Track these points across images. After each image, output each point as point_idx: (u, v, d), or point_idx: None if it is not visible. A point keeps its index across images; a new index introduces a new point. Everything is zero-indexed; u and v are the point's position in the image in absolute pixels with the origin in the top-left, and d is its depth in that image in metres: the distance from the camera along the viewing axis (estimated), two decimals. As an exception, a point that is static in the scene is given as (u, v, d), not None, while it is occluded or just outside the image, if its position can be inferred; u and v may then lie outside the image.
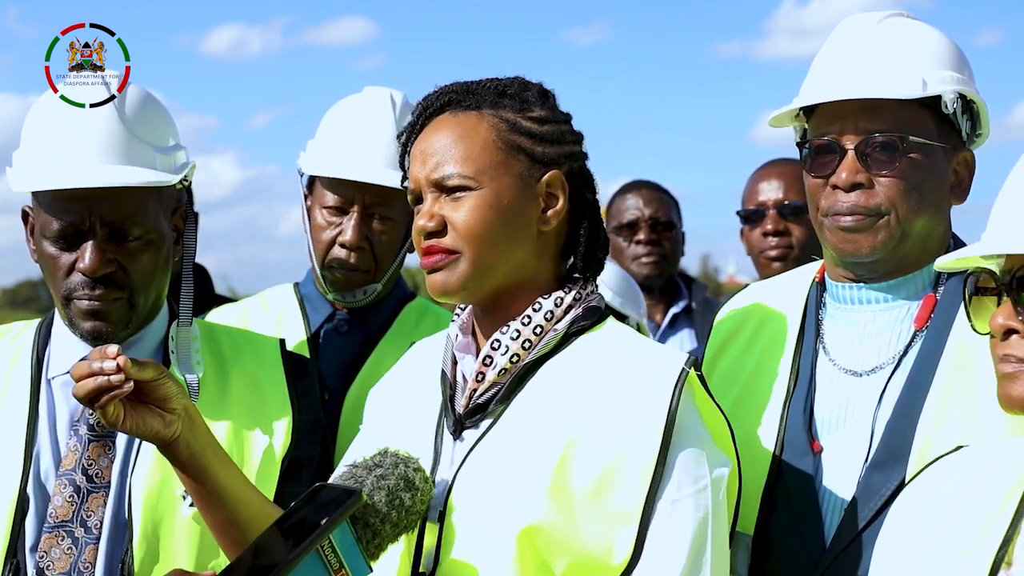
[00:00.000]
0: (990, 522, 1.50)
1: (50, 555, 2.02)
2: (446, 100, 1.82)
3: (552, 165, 1.80)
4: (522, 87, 1.84)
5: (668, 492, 1.66)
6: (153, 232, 2.10)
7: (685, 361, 1.72)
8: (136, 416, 1.79)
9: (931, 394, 1.92)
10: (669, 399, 1.67)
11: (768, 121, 2.17)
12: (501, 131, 1.78)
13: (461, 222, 1.74)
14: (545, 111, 1.82)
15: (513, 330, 1.78)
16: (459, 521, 1.72)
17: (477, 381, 1.79)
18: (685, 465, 1.67)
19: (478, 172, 1.75)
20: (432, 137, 1.79)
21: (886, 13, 2.07)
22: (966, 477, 1.58)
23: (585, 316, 1.80)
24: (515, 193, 1.76)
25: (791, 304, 2.15)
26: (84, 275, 2.05)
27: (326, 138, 2.81)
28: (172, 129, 2.22)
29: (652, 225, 4.26)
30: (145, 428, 1.79)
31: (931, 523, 1.57)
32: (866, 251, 1.99)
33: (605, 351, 1.77)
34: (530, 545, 1.66)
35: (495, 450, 1.74)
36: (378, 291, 2.75)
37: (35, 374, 2.16)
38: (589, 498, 1.66)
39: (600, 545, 1.65)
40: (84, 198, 2.04)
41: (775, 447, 2.01)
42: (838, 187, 1.99)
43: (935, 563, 1.52)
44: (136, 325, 2.14)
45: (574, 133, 1.86)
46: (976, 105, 2.05)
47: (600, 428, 1.68)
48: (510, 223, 1.76)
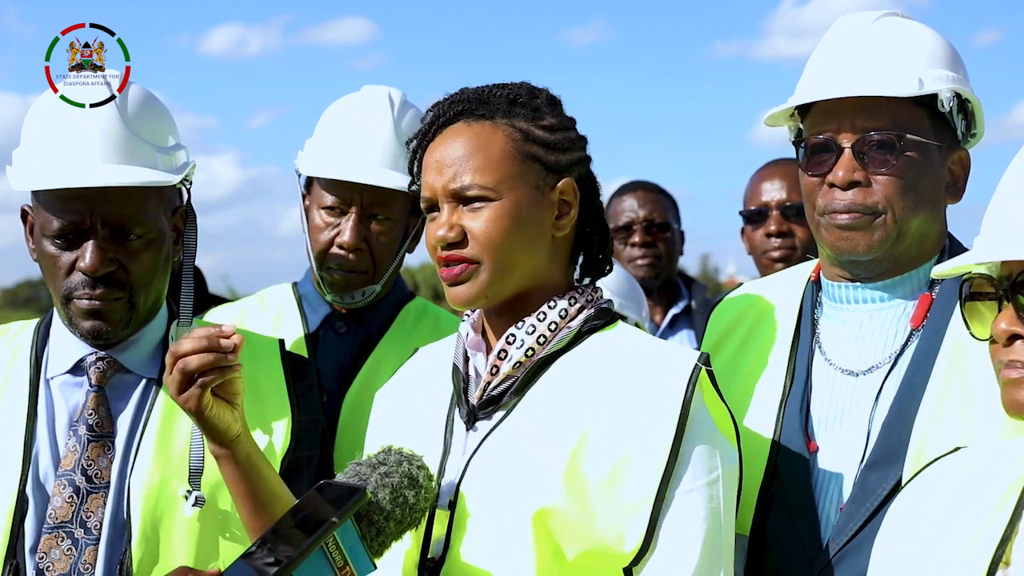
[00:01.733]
0: (988, 522, 1.50)
1: (50, 556, 2.02)
2: (459, 109, 1.83)
3: (564, 172, 1.83)
4: (531, 95, 1.86)
5: (682, 483, 1.69)
6: (154, 232, 2.10)
7: (698, 358, 1.75)
8: (217, 406, 1.83)
9: (927, 394, 1.92)
10: (683, 392, 1.70)
11: (764, 120, 2.17)
12: (516, 141, 1.80)
13: (481, 232, 1.77)
14: (555, 118, 1.85)
15: (528, 325, 1.80)
16: (472, 507, 1.74)
17: (491, 374, 1.82)
18: (698, 457, 1.70)
19: (497, 183, 1.78)
20: (447, 147, 1.81)
21: (881, 12, 2.07)
22: (964, 478, 1.58)
23: (598, 316, 1.84)
24: (531, 202, 1.79)
25: (787, 303, 2.15)
26: (85, 274, 2.06)
27: (324, 138, 2.79)
28: (173, 129, 2.22)
29: (647, 227, 4.26)
30: (221, 419, 1.85)
31: (929, 524, 1.57)
32: (863, 250, 1.99)
33: (619, 348, 1.80)
34: (545, 528, 1.68)
35: (509, 439, 1.77)
36: (376, 292, 2.74)
37: (34, 374, 2.16)
38: (602, 488, 1.68)
39: (611, 533, 1.68)
40: (85, 197, 2.04)
41: (771, 447, 2.01)
42: (835, 185, 1.99)
43: (933, 563, 1.52)
44: (136, 325, 2.14)
45: (581, 138, 1.88)
46: (971, 104, 2.05)
47: (614, 419, 1.71)
48: (528, 231, 1.79)
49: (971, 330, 1.53)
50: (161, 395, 2.14)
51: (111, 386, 2.14)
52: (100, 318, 2.08)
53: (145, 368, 2.17)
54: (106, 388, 2.14)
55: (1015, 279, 1.42)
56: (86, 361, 2.15)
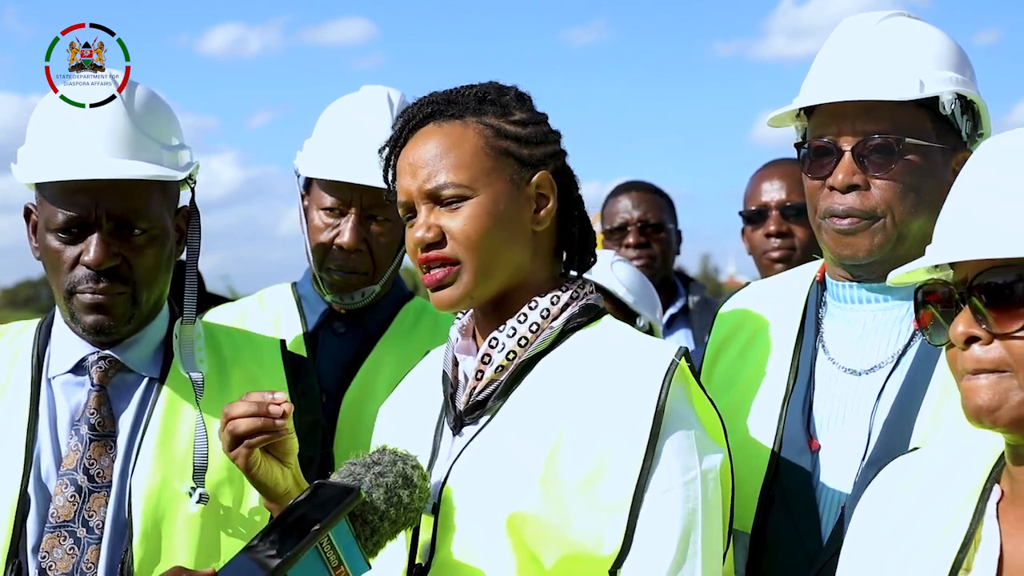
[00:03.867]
0: (948, 526, 1.49)
1: (52, 555, 2.02)
2: (428, 111, 1.84)
3: (539, 166, 1.83)
4: (500, 92, 1.86)
5: (657, 483, 1.67)
6: (158, 228, 2.11)
7: (676, 353, 1.74)
8: (266, 464, 1.84)
9: (929, 393, 1.92)
10: (658, 390, 1.69)
11: (767, 121, 2.17)
12: (488, 137, 1.80)
13: (460, 230, 1.77)
14: (525, 113, 1.86)
15: (510, 328, 1.80)
16: (453, 512, 1.74)
17: (477, 379, 1.81)
18: (674, 456, 1.69)
19: (472, 179, 1.77)
20: (420, 148, 1.81)
21: (887, 13, 2.07)
22: (923, 480, 1.57)
23: (581, 313, 1.83)
24: (508, 197, 1.79)
25: (791, 303, 2.15)
26: (89, 268, 2.06)
27: (323, 139, 2.79)
28: (177, 128, 2.23)
29: (641, 228, 4.26)
30: (270, 476, 1.85)
31: (890, 526, 1.56)
32: (863, 254, 1.99)
33: (598, 346, 1.79)
34: (519, 533, 1.67)
35: (490, 443, 1.76)
36: (376, 292, 2.74)
37: (35, 374, 2.16)
38: (580, 490, 1.67)
39: (590, 537, 1.67)
40: (90, 190, 2.05)
41: (773, 445, 2.02)
42: (835, 189, 1.99)
43: (894, 566, 1.51)
44: (138, 323, 2.14)
45: (554, 132, 1.88)
46: (976, 105, 2.05)
47: (590, 420, 1.70)
48: (507, 227, 1.78)
49: (927, 337, 1.51)
50: (163, 394, 2.14)
51: (113, 385, 2.15)
52: (103, 312, 2.08)
53: (147, 367, 2.17)
54: (108, 387, 2.14)
55: (971, 282, 1.41)
56: (88, 360, 2.15)
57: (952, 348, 1.45)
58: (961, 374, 1.43)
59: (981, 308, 1.40)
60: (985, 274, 1.40)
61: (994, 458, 1.53)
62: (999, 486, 1.50)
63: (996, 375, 1.39)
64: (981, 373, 1.40)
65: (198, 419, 2.10)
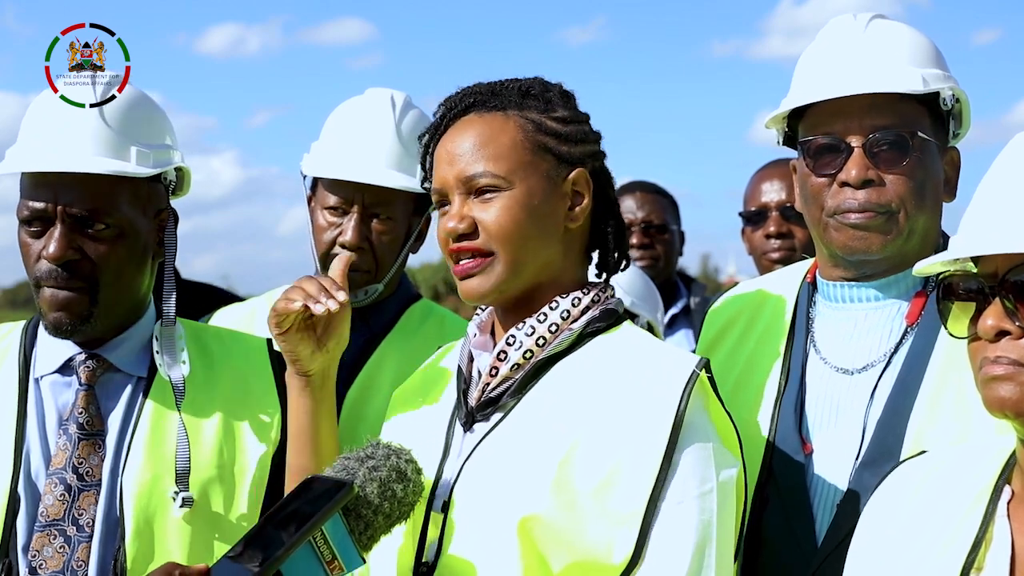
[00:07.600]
0: (959, 527, 1.50)
1: (42, 554, 2.01)
2: (471, 101, 1.83)
3: (576, 164, 1.82)
4: (544, 88, 1.86)
5: (673, 494, 1.66)
6: (123, 225, 2.09)
7: (696, 363, 1.72)
8: (297, 334, 1.89)
9: (922, 391, 1.92)
10: (677, 401, 1.67)
11: (764, 123, 2.17)
12: (528, 131, 1.80)
13: (493, 222, 1.76)
14: (567, 111, 1.85)
15: (528, 326, 1.79)
16: (463, 511, 1.73)
17: (491, 375, 1.80)
18: (691, 468, 1.67)
19: (508, 171, 1.77)
20: (459, 137, 1.81)
21: (870, 15, 2.08)
22: (932, 482, 1.58)
23: (602, 318, 1.81)
24: (544, 192, 1.78)
25: (781, 302, 2.15)
26: (48, 262, 2.06)
27: (328, 140, 2.81)
28: (159, 128, 2.21)
29: (644, 228, 4.27)
30: (296, 348, 1.91)
31: (899, 529, 1.56)
32: (876, 248, 1.99)
33: (618, 352, 1.78)
34: (530, 536, 1.66)
35: (502, 443, 1.75)
36: (379, 291, 2.75)
37: (23, 374, 2.15)
38: (593, 497, 1.66)
39: (601, 544, 1.65)
40: (50, 184, 2.05)
41: (766, 446, 2.02)
42: (847, 184, 1.98)
43: (906, 568, 1.52)
44: (105, 322, 2.12)
45: (594, 132, 1.88)
46: (960, 103, 2.06)
47: (607, 428, 1.68)
48: (540, 222, 1.78)
49: (948, 328, 1.52)
50: (151, 393, 2.14)
51: (100, 385, 2.14)
52: (61, 309, 2.07)
53: (134, 367, 2.16)
54: (96, 387, 2.13)
55: (1002, 277, 1.41)
56: (75, 360, 2.14)
57: (976, 341, 1.45)
58: (982, 365, 1.44)
59: (1011, 303, 1.40)
60: (1018, 269, 1.40)
61: (1004, 459, 1.54)
62: (1010, 486, 1.51)
63: (1018, 368, 1.40)
64: (1008, 366, 1.41)
65: (179, 422, 2.09)
